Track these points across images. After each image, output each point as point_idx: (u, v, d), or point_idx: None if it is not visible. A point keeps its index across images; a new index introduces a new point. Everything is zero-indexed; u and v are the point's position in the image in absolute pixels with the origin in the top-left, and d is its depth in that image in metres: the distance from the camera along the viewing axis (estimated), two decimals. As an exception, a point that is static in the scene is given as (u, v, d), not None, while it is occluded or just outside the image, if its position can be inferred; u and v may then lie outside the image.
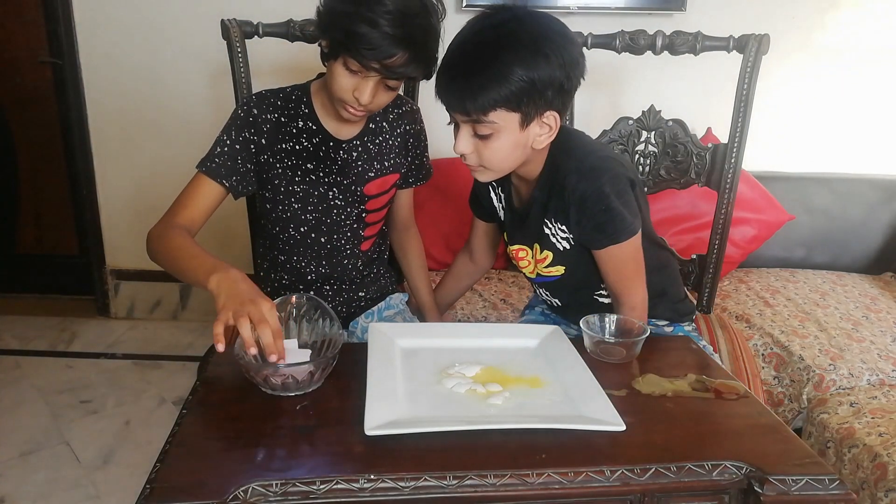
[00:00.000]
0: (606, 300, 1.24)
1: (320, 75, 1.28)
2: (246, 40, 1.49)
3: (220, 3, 2.15)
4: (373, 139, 1.27)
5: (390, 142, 1.30)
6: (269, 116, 1.21)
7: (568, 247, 1.15)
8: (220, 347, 0.88)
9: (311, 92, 1.24)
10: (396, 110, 1.31)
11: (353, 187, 1.26)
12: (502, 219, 1.28)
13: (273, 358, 0.87)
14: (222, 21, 1.46)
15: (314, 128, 1.23)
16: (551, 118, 1.03)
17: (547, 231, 1.15)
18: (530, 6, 1.06)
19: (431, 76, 1.11)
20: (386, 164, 1.29)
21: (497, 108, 0.98)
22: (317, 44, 1.18)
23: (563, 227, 1.13)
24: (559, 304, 1.28)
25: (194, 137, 1.24)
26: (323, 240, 1.29)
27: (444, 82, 1.02)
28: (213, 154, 1.18)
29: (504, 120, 1.00)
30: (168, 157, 2.53)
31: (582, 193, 1.06)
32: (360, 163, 1.26)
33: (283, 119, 1.22)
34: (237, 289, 0.93)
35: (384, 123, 1.29)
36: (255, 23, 1.48)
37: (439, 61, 1.05)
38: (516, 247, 1.23)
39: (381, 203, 1.32)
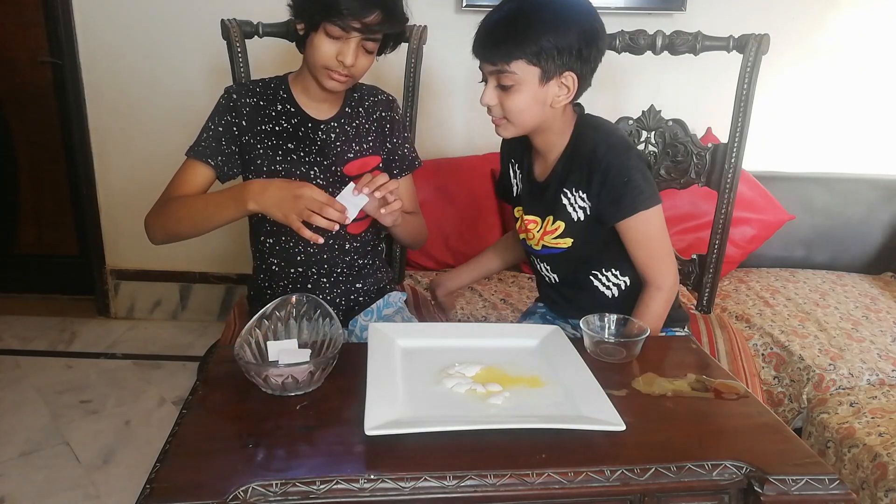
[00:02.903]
0: (601, 280, 1.28)
1: None
2: (246, 40, 1.50)
3: (220, 3, 2.14)
4: (350, 122, 1.34)
5: (367, 125, 1.36)
6: (248, 101, 1.29)
7: (582, 217, 1.20)
8: (321, 240, 1.12)
9: (289, 80, 1.33)
10: (372, 98, 1.37)
11: (333, 167, 1.31)
12: (518, 193, 1.34)
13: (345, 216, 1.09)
14: (222, 21, 1.46)
15: (293, 110, 1.30)
16: (570, 79, 1.12)
17: (565, 201, 1.21)
18: None
19: (402, 40, 1.29)
20: (364, 146, 1.35)
21: (518, 58, 1.09)
22: (295, 31, 1.24)
23: (584, 196, 1.19)
24: (556, 280, 1.32)
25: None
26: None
27: (477, 39, 1.14)
28: (200, 139, 1.28)
29: (524, 72, 1.10)
30: (168, 157, 2.50)
31: (608, 164, 1.14)
32: (338, 143, 1.32)
33: (261, 103, 1.30)
34: (276, 196, 1.10)
35: (360, 109, 1.36)
36: (255, 23, 1.48)
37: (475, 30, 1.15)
38: (529, 217, 1.28)
39: None
